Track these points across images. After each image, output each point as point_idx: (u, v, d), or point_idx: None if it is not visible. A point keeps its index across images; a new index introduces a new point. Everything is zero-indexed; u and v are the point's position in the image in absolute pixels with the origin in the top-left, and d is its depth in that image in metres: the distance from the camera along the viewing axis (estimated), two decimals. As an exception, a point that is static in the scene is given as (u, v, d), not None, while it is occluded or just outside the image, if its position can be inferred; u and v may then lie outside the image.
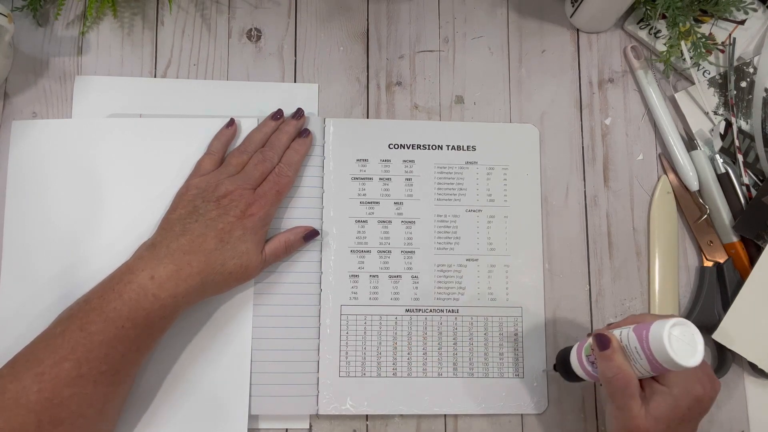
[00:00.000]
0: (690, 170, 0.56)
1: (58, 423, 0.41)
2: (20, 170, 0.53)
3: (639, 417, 0.41)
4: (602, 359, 0.42)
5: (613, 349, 0.42)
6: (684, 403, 0.41)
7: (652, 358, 0.40)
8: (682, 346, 0.38)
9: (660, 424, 0.41)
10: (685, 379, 0.41)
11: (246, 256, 0.48)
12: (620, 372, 0.41)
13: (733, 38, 0.59)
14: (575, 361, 0.47)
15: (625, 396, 0.41)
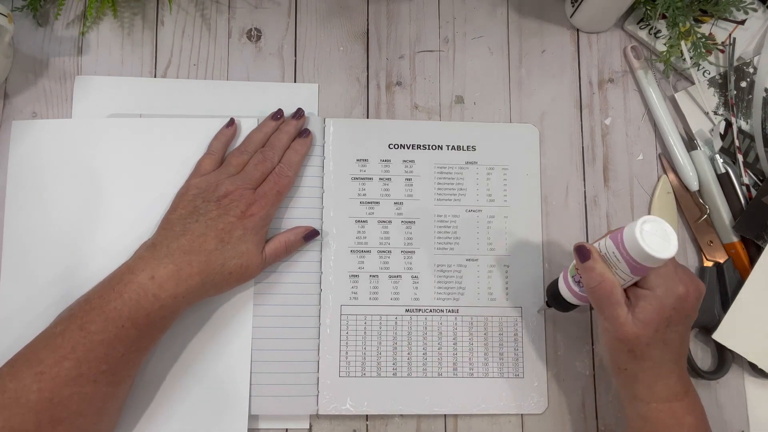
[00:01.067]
0: (690, 170, 0.56)
1: (58, 422, 0.41)
2: (20, 170, 0.53)
3: (627, 323, 0.42)
4: (585, 271, 0.43)
5: (594, 258, 0.43)
6: (668, 303, 0.41)
7: (629, 259, 0.40)
8: (655, 240, 0.39)
9: (648, 328, 0.41)
10: (666, 279, 0.42)
11: (246, 256, 0.48)
12: (603, 279, 0.42)
13: (733, 38, 0.59)
14: (563, 287, 0.47)
15: (611, 304, 0.42)
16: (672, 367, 0.43)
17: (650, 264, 0.40)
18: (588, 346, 0.55)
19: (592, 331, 0.55)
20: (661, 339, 0.42)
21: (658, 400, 0.43)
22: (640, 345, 0.42)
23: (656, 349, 0.42)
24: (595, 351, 0.55)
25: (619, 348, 0.43)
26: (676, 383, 0.43)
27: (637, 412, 0.44)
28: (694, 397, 0.45)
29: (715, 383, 0.54)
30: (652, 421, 0.43)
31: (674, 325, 0.42)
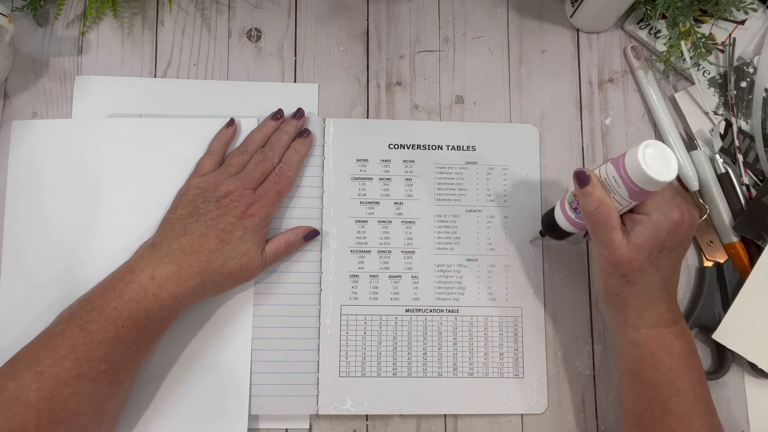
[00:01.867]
0: (690, 170, 0.56)
1: (58, 422, 0.41)
2: (20, 170, 0.53)
3: (621, 247, 0.42)
4: (583, 196, 0.43)
5: (593, 183, 0.43)
6: (663, 228, 0.42)
7: (629, 182, 0.41)
8: (656, 162, 0.40)
9: (641, 252, 0.42)
10: (662, 204, 0.42)
11: (246, 256, 0.48)
12: (600, 204, 0.43)
13: (733, 38, 0.59)
14: (559, 214, 0.48)
15: (607, 228, 0.43)
16: (663, 295, 0.44)
17: (649, 187, 0.41)
18: (588, 346, 0.55)
19: (592, 330, 0.55)
20: (654, 264, 0.43)
21: (647, 326, 0.44)
22: (632, 269, 0.43)
23: (648, 274, 0.43)
24: (595, 350, 0.55)
25: (612, 273, 0.44)
26: (666, 310, 0.44)
27: (627, 338, 0.45)
28: (683, 325, 0.45)
29: (715, 383, 0.54)
30: (641, 347, 0.44)
31: (667, 251, 0.43)
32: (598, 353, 0.55)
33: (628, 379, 0.46)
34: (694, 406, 0.43)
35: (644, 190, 0.41)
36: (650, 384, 0.44)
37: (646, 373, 0.44)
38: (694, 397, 0.43)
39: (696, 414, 0.43)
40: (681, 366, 0.44)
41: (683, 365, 0.44)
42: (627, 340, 0.45)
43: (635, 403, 0.45)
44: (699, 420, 0.43)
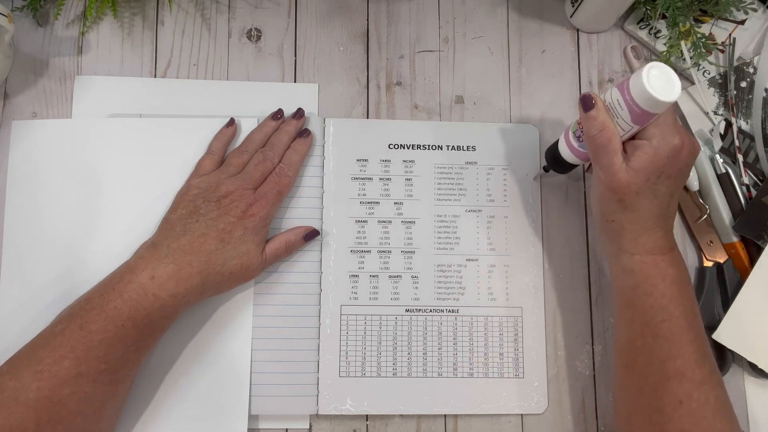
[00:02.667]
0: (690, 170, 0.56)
1: (57, 421, 0.41)
2: (20, 170, 0.53)
3: (620, 171, 0.43)
4: (587, 120, 0.44)
5: (598, 107, 0.43)
6: (663, 152, 0.42)
7: (632, 104, 0.41)
8: (660, 83, 0.40)
9: (640, 176, 0.42)
10: (663, 129, 0.42)
11: (246, 256, 0.48)
12: (604, 127, 0.43)
13: (733, 38, 0.59)
14: (563, 145, 0.49)
15: (608, 152, 0.43)
16: (659, 222, 0.44)
17: (652, 109, 0.41)
18: (588, 346, 0.55)
19: (592, 330, 0.55)
20: (651, 190, 0.43)
21: (642, 252, 0.44)
22: (630, 193, 0.43)
23: (645, 199, 0.43)
24: (595, 350, 0.55)
25: (609, 198, 0.44)
26: (662, 238, 0.44)
27: (622, 264, 0.45)
28: (678, 253, 0.46)
29: (715, 383, 0.54)
30: (635, 273, 0.44)
31: (665, 178, 0.43)
32: (598, 353, 0.55)
33: (621, 307, 0.46)
34: (685, 332, 0.43)
35: (646, 112, 0.41)
36: (643, 310, 0.44)
37: (639, 299, 0.44)
38: (686, 323, 0.43)
39: (687, 339, 0.43)
40: (674, 293, 0.44)
41: (676, 292, 0.44)
42: (621, 267, 0.45)
43: (628, 331, 0.46)
44: (690, 345, 0.43)
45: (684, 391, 0.42)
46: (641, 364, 0.44)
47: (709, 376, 0.43)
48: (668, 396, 0.42)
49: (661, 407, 0.43)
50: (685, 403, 0.42)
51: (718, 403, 0.42)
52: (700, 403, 0.42)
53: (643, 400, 0.44)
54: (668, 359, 0.43)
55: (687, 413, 0.42)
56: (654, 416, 0.43)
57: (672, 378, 0.42)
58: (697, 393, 0.42)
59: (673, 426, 0.42)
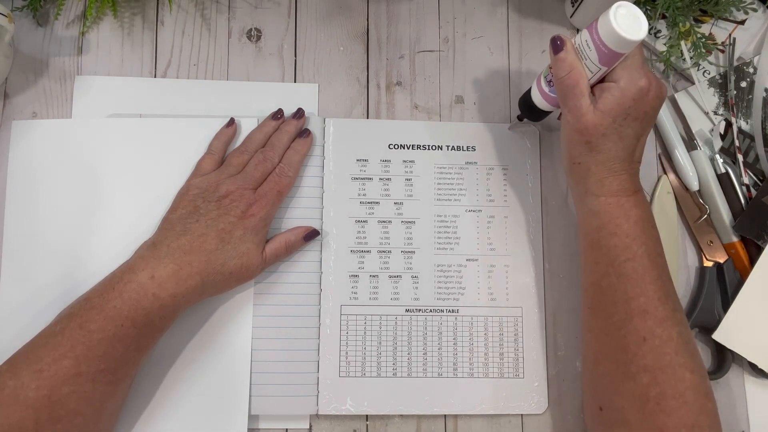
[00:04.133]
0: (690, 170, 0.56)
1: (56, 420, 0.41)
2: (20, 170, 0.53)
3: (588, 113, 0.43)
4: (556, 62, 0.45)
5: (566, 49, 0.44)
6: (629, 94, 0.43)
7: (600, 44, 0.42)
8: (627, 22, 0.41)
9: (606, 117, 0.43)
10: (630, 71, 0.43)
11: (246, 256, 0.48)
12: (572, 69, 0.44)
13: (733, 38, 0.59)
14: (535, 91, 0.50)
15: (575, 95, 0.44)
16: (624, 165, 0.45)
17: (619, 48, 0.41)
18: (588, 346, 0.55)
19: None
20: (617, 132, 0.43)
21: (607, 194, 0.45)
22: (596, 135, 0.44)
23: (611, 142, 0.44)
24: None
25: (576, 140, 0.45)
26: (627, 180, 0.45)
27: (588, 207, 0.46)
28: (642, 196, 0.46)
29: (715, 383, 0.54)
30: (600, 214, 0.45)
31: (631, 120, 0.43)
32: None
33: (587, 248, 0.47)
34: (648, 270, 0.44)
35: (614, 52, 0.42)
36: (607, 250, 0.45)
37: (604, 239, 0.45)
38: (649, 262, 0.44)
39: (650, 278, 0.44)
40: (638, 232, 0.44)
41: (640, 232, 0.44)
42: (587, 209, 0.46)
43: (593, 273, 0.46)
44: (652, 284, 0.43)
45: (647, 328, 0.43)
46: (606, 303, 0.45)
47: (672, 313, 0.43)
48: (632, 334, 0.43)
49: (625, 345, 0.43)
50: (648, 339, 0.42)
51: (680, 339, 0.43)
52: (663, 339, 0.42)
53: (608, 340, 0.45)
54: (632, 297, 0.43)
55: (650, 349, 0.42)
56: (618, 355, 0.44)
57: (635, 316, 0.43)
58: (660, 329, 0.42)
59: (636, 363, 0.42)
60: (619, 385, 0.43)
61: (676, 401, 0.41)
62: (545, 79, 0.48)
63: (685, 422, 0.41)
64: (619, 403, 0.43)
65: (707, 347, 0.56)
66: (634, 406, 0.42)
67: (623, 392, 0.43)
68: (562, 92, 0.45)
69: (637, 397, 0.42)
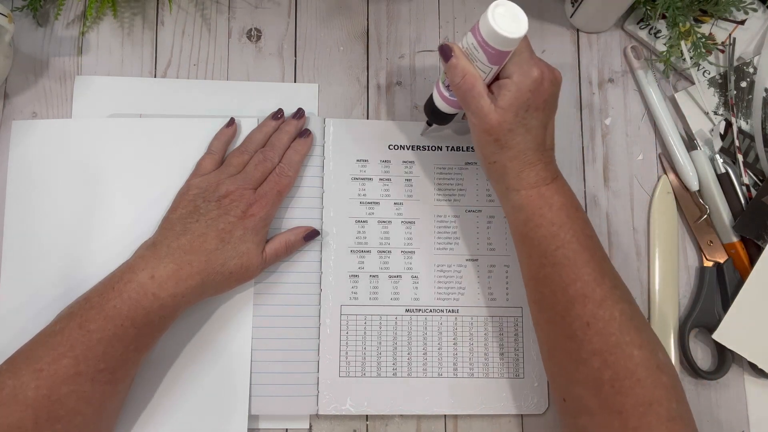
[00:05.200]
0: (690, 170, 0.56)
1: (56, 420, 0.41)
2: (20, 170, 0.53)
3: (490, 112, 0.44)
4: (449, 69, 0.45)
5: (456, 55, 0.45)
6: (525, 86, 0.43)
7: (485, 45, 0.42)
8: (506, 21, 0.41)
9: (508, 114, 0.43)
10: (521, 65, 0.44)
11: (246, 256, 0.48)
12: (465, 73, 0.44)
13: (733, 38, 0.59)
14: (437, 97, 0.50)
15: (474, 97, 0.44)
16: (537, 156, 0.45)
17: (503, 47, 0.42)
18: (588, 346, 0.55)
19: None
20: (523, 125, 0.44)
21: (527, 187, 0.45)
22: (503, 132, 0.44)
23: (519, 136, 0.44)
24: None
25: (486, 141, 0.45)
26: (543, 169, 0.45)
27: (511, 203, 0.46)
28: (562, 182, 0.47)
29: (715, 383, 0.54)
30: (524, 208, 0.45)
31: (533, 110, 0.44)
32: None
33: (519, 243, 0.47)
34: (579, 254, 0.44)
35: (500, 51, 0.42)
36: (537, 242, 0.45)
37: (532, 232, 0.45)
38: (579, 246, 0.44)
39: (582, 261, 0.43)
40: (563, 219, 0.44)
41: (565, 218, 0.44)
42: (511, 205, 0.46)
43: (530, 267, 0.46)
44: (585, 266, 0.43)
45: (588, 312, 0.42)
46: (546, 295, 0.45)
47: (611, 291, 0.43)
48: (575, 320, 0.43)
49: (571, 333, 0.43)
50: (592, 323, 0.42)
51: (623, 317, 0.43)
52: (606, 320, 0.42)
53: (556, 331, 0.45)
54: (569, 284, 0.43)
55: (595, 333, 0.42)
56: (567, 344, 0.44)
57: (575, 302, 0.43)
58: (601, 311, 0.42)
59: (585, 349, 0.42)
60: (574, 373, 0.43)
61: (629, 380, 0.41)
62: (443, 84, 0.48)
63: (642, 400, 0.41)
64: (577, 391, 0.43)
65: (707, 347, 0.56)
66: (590, 392, 0.42)
67: (579, 380, 0.43)
68: (461, 97, 0.45)
69: (592, 382, 0.42)
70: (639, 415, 0.40)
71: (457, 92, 0.45)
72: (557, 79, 0.45)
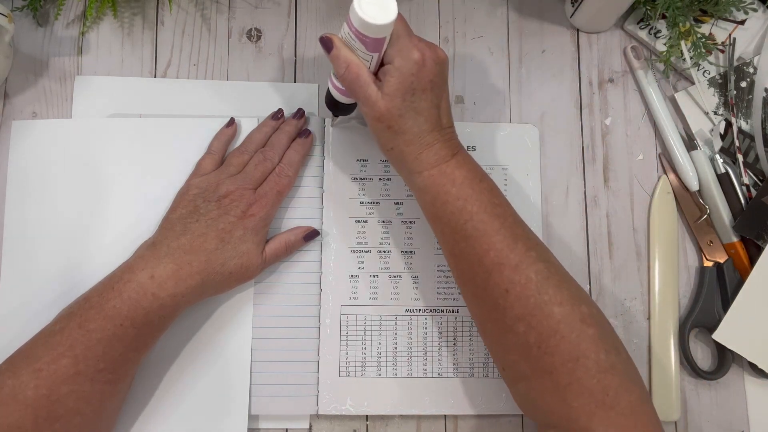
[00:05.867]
0: (690, 170, 0.56)
1: (55, 419, 0.41)
2: (20, 170, 0.53)
3: (378, 100, 0.44)
4: (333, 60, 0.45)
5: (337, 46, 0.44)
6: (407, 70, 0.43)
7: (359, 34, 0.42)
8: (372, 8, 0.41)
9: (395, 99, 0.43)
10: (401, 50, 0.43)
11: (246, 256, 0.48)
12: (348, 63, 0.44)
13: (733, 38, 0.59)
14: (332, 89, 0.49)
15: (361, 86, 0.44)
16: (434, 136, 0.45)
17: (375, 34, 0.42)
18: (588, 346, 0.55)
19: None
20: (411, 108, 0.44)
21: (428, 168, 0.45)
22: (393, 117, 0.44)
23: (410, 119, 0.44)
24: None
25: (380, 128, 0.45)
26: (441, 149, 0.45)
27: (416, 185, 0.46)
28: (463, 156, 0.46)
29: (715, 383, 0.54)
30: (429, 188, 0.45)
31: (420, 92, 0.44)
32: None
33: (432, 224, 0.47)
34: (488, 223, 0.43)
35: (374, 39, 0.42)
36: (447, 219, 0.45)
37: (440, 210, 0.45)
38: (487, 216, 0.44)
39: (492, 230, 0.43)
40: (467, 192, 0.44)
41: (469, 190, 0.44)
42: (416, 188, 0.46)
43: (445, 244, 0.46)
44: (496, 234, 0.43)
45: (505, 279, 0.42)
46: (466, 270, 0.45)
47: (525, 255, 0.43)
48: (495, 289, 0.43)
49: (494, 303, 0.43)
50: (510, 289, 0.42)
51: (539, 276, 0.42)
52: (522, 284, 0.42)
53: (480, 303, 0.45)
54: (483, 255, 0.43)
55: (515, 298, 0.42)
56: (493, 313, 0.44)
57: (492, 271, 0.43)
58: (517, 276, 0.42)
59: (509, 315, 0.42)
60: (504, 341, 0.44)
61: (553, 339, 0.41)
62: (334, 75, 0.48)
63: (569, 356, 0.40)
64: (511, 358, 0.44)
65: (707, 347, 0.56)
66: (522, 356, 0.42)
67: (510, 347, 0.43)
68: (348, 87, 0.45)
69: (521, 347, 0.42)
70: (568, 372, 0.40)
71: (344, 83, 0.45)
72: (440, 58, 0.45)
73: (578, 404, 0.40)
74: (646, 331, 0.55)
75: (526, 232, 0.45)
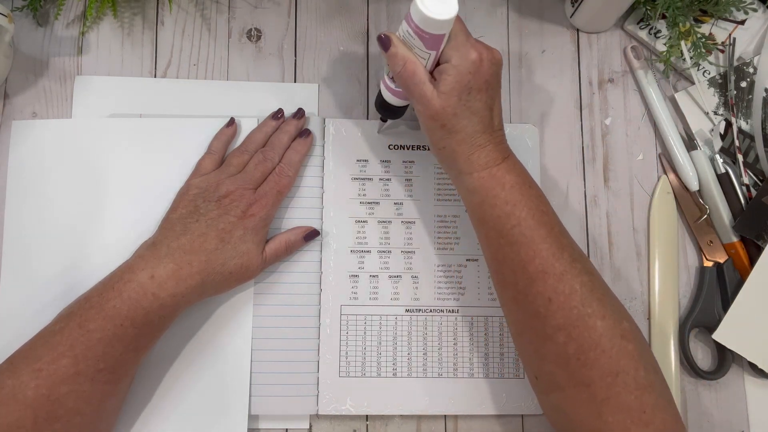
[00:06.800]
0: (690, 170, 0.56)
1: (55, 419, 0.41)
2: (20, 170, 0.53)
3: (433, 98, 0.44)
4: (390, 59, 0.45)
5: (394, 44, 0.45)
6: (464, 69, 0.43)
7: (419, 31, 0.42)
8: (435, 3, 0.41)
9: (451, 98, 0.43)
10: (458, 49, 0.43)
11: (246, 256, 0.48)
12: (405, 61, 0.44)
13: (733, 38, 0.59)
14: (385, 91, 0.49)
15: (416, 83, 0.44)
16: (486, 138, 0.45)
17: (435, 30, 0.42)
18: (588, 346, 0.55)
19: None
20: (467, 107, 0.44)
21: (478, 169, 0.45)
22: (448, 116, 0.44)
23: (465, 119, 0.44)
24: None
25: (433, 127, 0.45)
26: (493, 151, 0.45)
27: (465, 187, 0.46)
28: (513, 160, 0.46)
29: (715, 383, 0.54)
30: (478, 190, 0.45)
31: (476, 92, 0.44)
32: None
33: (477, 226, 0.47)
34: (536, 230, 0.43)
35: (434, 35, 0.42)
36: (493, 222, 0.45)
37: (487, 213, 0.45)
38: (534, 223, 0.44)
39: (539, 237, 0.43)
40: (516, 197, 0.44)
41: (518, 196, 0.44)
42: (465, 189, 0.46)
43: (489, 248, 0.46)
44: (543, 242, 0.43)
45: (549, 288, 0.42)
46: (507, 275, 0.45)
47: (570, 265, 0.43)
48: (538, 297, 0.43)
49: (535, 310, 0.43)
50: (554, 299, 0.42)
51: (584, 289, 0.42)
52: (566, 294, 0.42)
53: (520, 309, 0.45)
54: (528, 262, 0.43)
55: (558, 308, 0.42)
56: (533, 321, 0.44)
57: (536, 279, 0.43)
58: (562, 285, 0.42)
59: (549, 324, 0.42)
60: (542, 350, 0.43)
61: (593, 352, 0.41)
62: (388, 76, 0.48)
63: (608, 370, 0.41)
64: (547, 368, 0.44)
65: (707, 347, 0.56)
66: (559, 367, 0.42)
67: (547, 356, 0.43)
68: (404, 85, 0.45)
69: (559, 357, 0.42)
70: (606, 386, 0.40)
71: (400, 81, 0.45)
72: (496, 59, 0.45)
73: (614, 419, 0.40)
74: (646, 331, 0.55)
75: (571, 243, 0.45)
